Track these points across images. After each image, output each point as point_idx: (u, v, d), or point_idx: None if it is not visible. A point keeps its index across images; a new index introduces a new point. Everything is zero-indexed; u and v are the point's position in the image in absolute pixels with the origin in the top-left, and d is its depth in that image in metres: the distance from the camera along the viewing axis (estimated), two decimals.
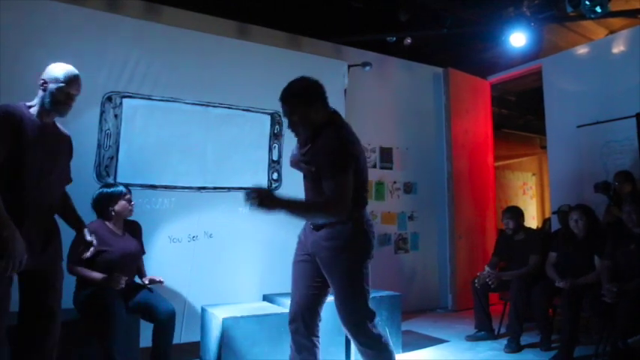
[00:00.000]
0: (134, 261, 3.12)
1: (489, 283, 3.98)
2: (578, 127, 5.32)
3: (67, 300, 2.74)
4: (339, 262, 2.15)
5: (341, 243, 2.14)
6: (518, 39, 5.29)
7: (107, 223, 3.05)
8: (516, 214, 4.28)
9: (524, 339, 3.88)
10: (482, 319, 4.12)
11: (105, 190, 3.11)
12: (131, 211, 3.12)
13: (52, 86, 2.20)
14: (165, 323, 2.91)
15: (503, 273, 4.10)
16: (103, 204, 3.05)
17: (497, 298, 4.41)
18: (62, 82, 2.20)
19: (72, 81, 2.23)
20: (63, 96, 2.21)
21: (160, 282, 3.10)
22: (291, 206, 2.05)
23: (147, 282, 3.11)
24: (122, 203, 3.06)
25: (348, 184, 2.04)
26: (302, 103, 2.14)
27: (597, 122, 5.14)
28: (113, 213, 3.05)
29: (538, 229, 5.84)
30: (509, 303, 3.95)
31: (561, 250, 3.81)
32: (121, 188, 3.10)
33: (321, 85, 2.20)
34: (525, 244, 4.14)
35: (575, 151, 5.36)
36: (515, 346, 3.74)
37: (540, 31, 5.64)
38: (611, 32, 5.78)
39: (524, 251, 4.08)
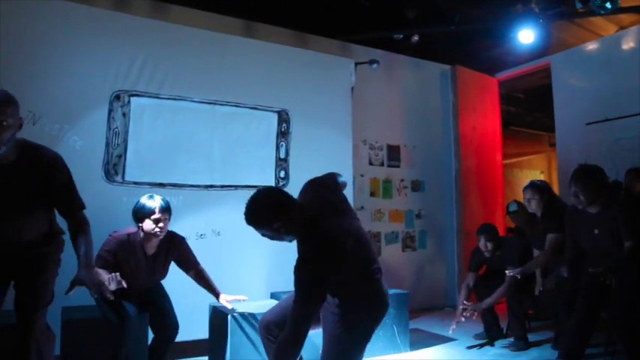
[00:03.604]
0: (151, 284, 3.00)
1: (468, 316, 3.74)
2: (588, 124, 5.27)
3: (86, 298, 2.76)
4: (334, 327, 2.10)
5: (342, 319, 2.08)
6: (526, 36, 5.26)
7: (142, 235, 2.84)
8: (493, 233, 3.96)
9: (537, 336, 3.86)
10: (488, 320, 4.06)
11: (140, 202, 2.83)
12: (158, 233, 2.81)
13: None
14: (165, 339, 2.95)
15: (485, 302, 3.78)
16: (135, 217, 2.83)
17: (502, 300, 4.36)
18: None
19: None
20: None
21: (243, 299, 3.05)
22: None
23: (229, 304, 3.00)
24: (147, 222, 2.77)
25: (306, 315, 1.95)
26: (264, 225, 2.04)
27: (607, 119, 5.10)
28: (142, 230, 2.82)
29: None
30: (506, 306, 3.87)
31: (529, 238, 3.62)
32: (152, 206, 2.77)
33: (275, 202, 2.04)
34: (503, 257, 3.88)
35: (585, 148, 5.31)
36: (522, 345, 3.71)
37: (549, 28, 5.59)
38: (621, 28, 5.72)
39: (503, 264, 3.82)
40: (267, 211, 2.01)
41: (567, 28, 5.99)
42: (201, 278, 3.08)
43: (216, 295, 3.08)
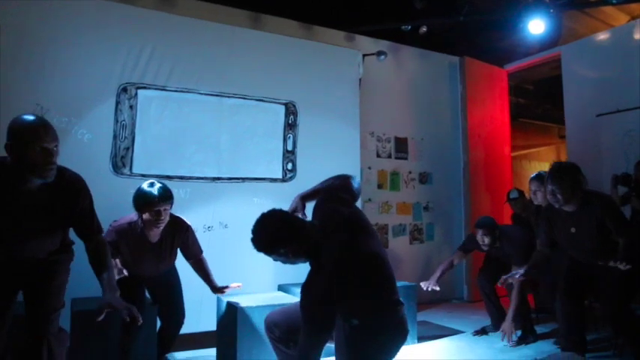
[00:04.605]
0: (161, 270, 2.98)
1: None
2: (598, 115, 5.21)
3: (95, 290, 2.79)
4: (342, 349, 2.02)
5: (345, 343, 1.99)
6: (536, 26, 5.20)
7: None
8: (491, 228, 3.77)
9: (545, 328, 3.85)
10: (494, 314, 4.03)
11: (140, 190, 2.76)
12: (160, 225, 2.76)
13: (20, 147, 1.88)
14: (171, 327, 3.02)
15: (508, 316, 3.63)
16: (134, 205, 2.77)
17: (505, 291, 4.33)
18: (30, 139, 1.87)
19: (39, 132, 1.89)
20: (39, 155, 1.89)
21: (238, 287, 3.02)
22: None
23: (225, 290, 2.98)
24: (146, 215, 2.73)
25: (316, 339, 1.92)
26: (270, 252, 2.01)
27: (618, 111, 5.04)
28: (142, 219, 2.79)
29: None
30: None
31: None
32: (152, 197, 2.69)
33: (278, 229, 1.98)
34: (504, 249, 3.79)
35: (595, 140, 5.26)
36: (530, 338, 3.69)
37: (559, 18, 5.53)
38: (633, 18, 5.65)
39: (504, 256, 3.78)
40: (271, 239, 1.98)
41: (578, 18, 5.93)
42: (200, 267, 3.06)
43: (212, 287, 3.04)
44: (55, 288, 2.11)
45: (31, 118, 1.94)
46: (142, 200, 2.73)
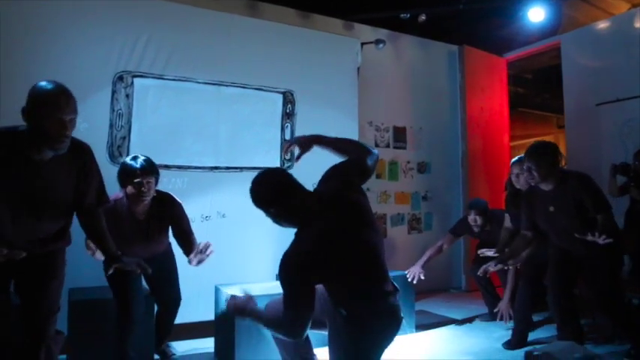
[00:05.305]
0: (152, 252, 2.89)
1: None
2: (598, 105, 5.19)
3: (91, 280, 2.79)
4: (334, 338, 2.02)
5: (335, 339, 2.00)
6: (536, 14, 5.16)
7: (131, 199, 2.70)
8: (483, 208, 3.91)
9: (541, 317, 3.90)
10: (491, 302, 4.05)
11: (122, 163, 2.74)
12: (142, 196, 2.67)
13: (37, 115, 1.82)
14: (168, 311, 3.02)
15: (504, 301, 3.79)
16: (118, 180, 2.71)
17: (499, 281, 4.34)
18: (48, 108, 1.82)
19: (59, 102, 1.85)
20: (54, 125, 1.83)
21: (207, 249, 2.76)
22: (255, 318, 2.10)
23: (195, 262, 2.76)
24: (130, 188, 2.66)
25: (295, 314, 1.87)
26: (260, 207, 1.97)
27: (617, 100, 5.01)
28: (126, 196, 2.71)
29: None
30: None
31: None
32: (133, 169, 2.64)
33: (273, 187, 1.95)
34: (494, 232, 3.84)
35: (594, 130, 5.24)
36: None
37: (560, 6, 5.49)
38: (634, 6, 5.60)
39: (494, 240, 3.79)
40: (263, 196, 1.95)
41: (578, 6, 5.88)
42: (184, 240, 2.90)
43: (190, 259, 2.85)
44: (54, 288, 2.08)
45: (50, 86, 1.88)
46: (124, 173, 2.68)
